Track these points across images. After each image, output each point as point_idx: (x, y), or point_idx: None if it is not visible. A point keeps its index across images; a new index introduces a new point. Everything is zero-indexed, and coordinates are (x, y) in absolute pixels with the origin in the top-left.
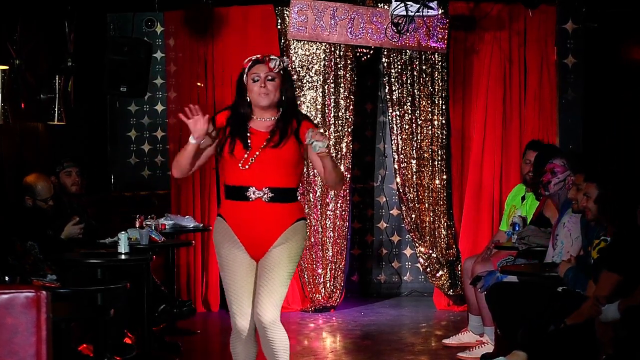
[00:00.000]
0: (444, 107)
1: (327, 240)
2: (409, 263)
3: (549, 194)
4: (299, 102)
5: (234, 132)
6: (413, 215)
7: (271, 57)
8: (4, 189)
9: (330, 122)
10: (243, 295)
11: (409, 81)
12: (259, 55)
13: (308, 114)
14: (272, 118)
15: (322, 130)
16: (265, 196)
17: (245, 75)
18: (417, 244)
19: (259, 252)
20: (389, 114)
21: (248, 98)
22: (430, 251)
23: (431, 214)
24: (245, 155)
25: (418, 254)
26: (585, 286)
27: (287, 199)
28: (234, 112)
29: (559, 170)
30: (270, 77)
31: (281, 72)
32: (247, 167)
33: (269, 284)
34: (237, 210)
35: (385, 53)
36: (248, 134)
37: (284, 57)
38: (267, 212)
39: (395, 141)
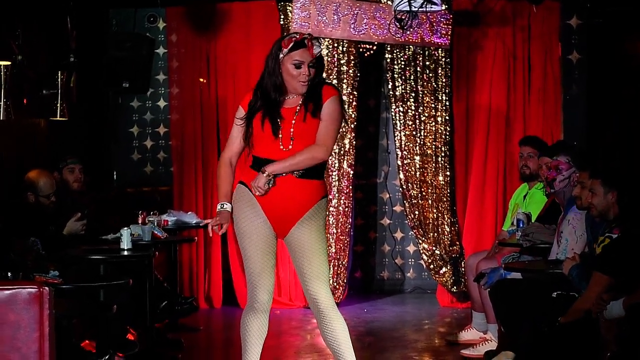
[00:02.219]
0: (447, 103)
1: (330, 237)
2: (412, 260)
3: (554, 191)
4: None
5: (266, 110)
6: (416, 212)
7: (312, 40)
8: (6, 185)
9: None
10: (264, 268)
11: (412, 77)
12: (297, 35)
13: None
14: (300, 98)
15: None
16: (296, 172)
17: (282, 56)
18: (420, 241)
19: (283, 226)
20: (392, 110)
21: (280, 78)
22: (434, 248)
23: (434, 211)
24: (280, 135)
25: (421, 251)
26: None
27: (316, 175)
28: (262, 92)
29: (564, 167)
30: (312, 64)
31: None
32: (289, 147)
33: (316, 266)
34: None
35: (388, 49)
36: (280, 113)
37: (318, 38)
38: (297, 188)
39: (399, 137)
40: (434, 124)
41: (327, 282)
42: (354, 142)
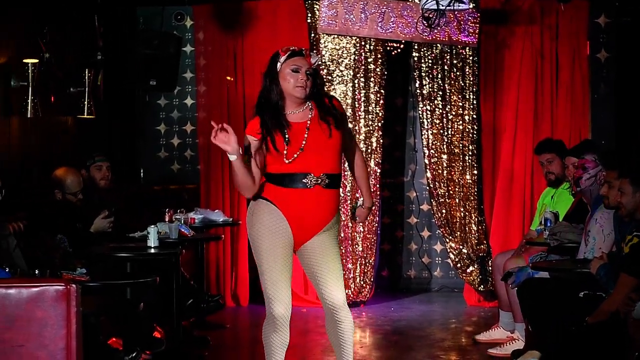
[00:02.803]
0: (474, 102)
1: (357, 235)
2: (439, 258)
3: (580, 190)
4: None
5: (275, 127)
6: (443, 211)
7: (311, 52)
8: (33, 183)
9: (361, 117)
10: (281, 281)
11: (439, 75)
12: (295, 47)
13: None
14: (305, 108)
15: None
16: (322, 182)
17: (280, 64)
18: (447, 240)
19: (304, 236)
20: (420, 108)
21: (278, 89)
22: (461, 247)
23: (462, 209)
24: (285, 149)
25: (448, 250)
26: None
27: (338, 184)
28: (266, 108)
29: (590, 166)
30: (309, 72)
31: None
32: (291, 160)
33: (331, 267)
34: (289, 196)
35: (415, 47)
36: (287, 129)
37: (319, 54)
38: (324, 198)
39: (426, 136)
40: (461, 122)
41: (342, 284)
42: (381, 141)
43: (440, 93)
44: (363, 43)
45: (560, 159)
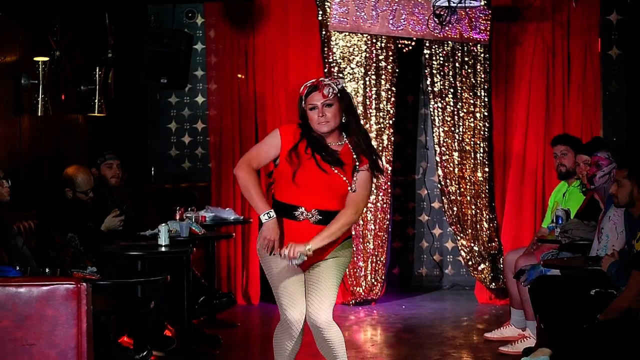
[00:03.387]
0: (486, 99)
1: (368, 233)
2: (451, 256)
3: (594, 187)
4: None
5: (312, 148)
6: (455, 208)
7: (324, 82)
8: (44, 181)
9: (372, 114)
10: (293, 287)
11: (450, 73)
12: (313, 81)
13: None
14: (341, 143)
15: (307, 248)
16: (313, 218)
17: (303, 104)
18: (458, 237)
19: (306, 263)
20: (431, 106)
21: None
22: (472, 244)
23: (473, 207)
24: (302, 173)
25: (460, 247)
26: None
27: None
28: (310, 134)
29: (604, 163)
30: (327, 104)
31: (337, 94)
32: (297, 182)
33: (320, 289)
34: (288, 226)
35: (427, 44)
36: (317, 157)
37: (338, 78)
38: (312, 233)
39: (437, 133)
40: (472, 120)
41: (330, 304)
42: (392, 139)
43: (452, 90)
44: (374, 40)
45: (574, 153)
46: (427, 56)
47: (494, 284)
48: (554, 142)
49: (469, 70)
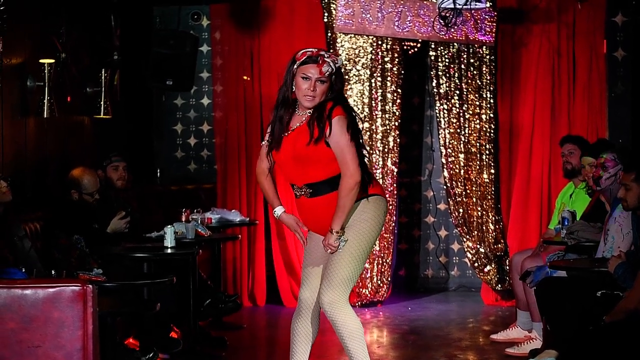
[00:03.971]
0: (491, 101)
1: None
2: (457, 258)
3: (600, 189)
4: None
5: (276, 132)
6: (461, 210)
7: (325, 57)
8: (50, 183)
9: (377, 116)
10: (311, 268)
11: (456, 74)
12: (313, 50)
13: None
14: (305, 112)
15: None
16: (305, 193)
17: (295, 67)
18: (464, 239)
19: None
20: (437, 107)
21: (291, 90)
22: (478, 246)
23: (479, 209)
24: (278, 155)
25: (466, 249)
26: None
27: (332, 188)
28: (277, 108)
29: (610, 165)
30: (321, 80)
31: (332, 75)
32: (279, 164)
33: (329, 267)
34: (296, 204)
35: (432, 46)
36: (285, 134)
37: (337, 57)
38: (316, 207)
39: (443, 135)
40: (478, 121)
41: (338, 286)
42: (398, 140)
43: (457, 92)
44: (380, 42)
45: (580, 152)
46: (432, 58)
47: (500, 285)
48: (562, 142)
49: (475, 72)
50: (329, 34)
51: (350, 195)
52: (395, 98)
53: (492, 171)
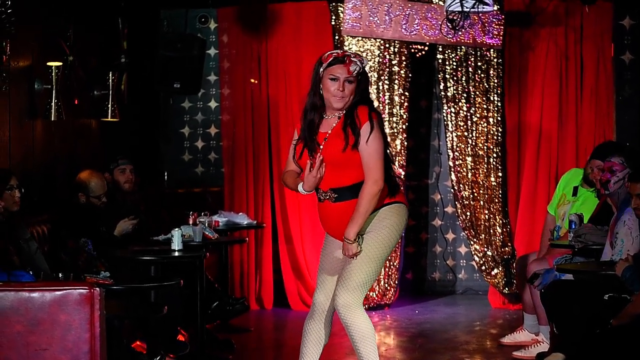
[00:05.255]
0: (499, 104)
1: None
2: (464, 261)
3: (609, 193)
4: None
5: (304, 137)
6: (468, 213)
7: (352, 58)
8: (57, 186)
9: (385, 119)
10: (328, 272)
11: (464, 78)
12: (339, 52)
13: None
14: (334, 116)
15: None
16: (330, 197)
17: (322, 70)
18: (472, 242)
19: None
20: (444, 110)
21: (320, 94)
22: (486, 249)
23: (486, 212)
24: (309, 160)
25: (473, 252)
26: None
27: (352, 195)
28: (306, 113)
29: (618, 169)
30: (349, 80)
31: (359, 75)
32: (311, 170)
33: (346, 271)
34: (318, 208)
35: (440, 49)
36: (314, 137)
37: (363, 57)
38: (339, 212)
39: (450, 138)
40: (485, 124)
41: (353, 290)
42: (406, 143)
43: (465, 95)
44: (387, 45)
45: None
46: (440, 61)
47: (507, 288)
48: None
49: (482, 75)
50: (337, 37)
51: (371, 202)
52: (402, 101)
53: (500, 174)
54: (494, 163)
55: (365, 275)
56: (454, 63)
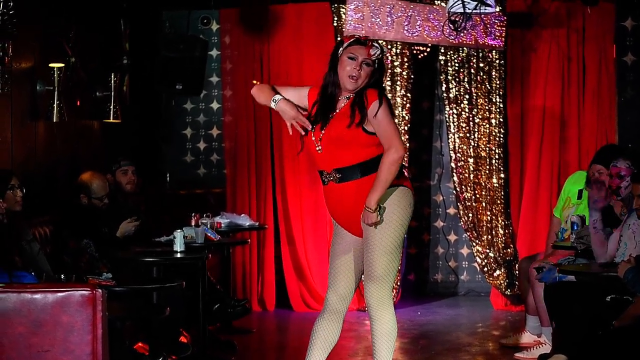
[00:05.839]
0: (501, 105)
1: None
2: (466, 262)
3: (621, 198)
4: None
5: (318, 115)
6: (470, 214)
7: (374, 43)
8: (59, 187)
9: None
10: (338, 271)
11: (466, 79)
12: (361, 36)
13: None
14: (344, 97)
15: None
16: (334, 178)
17: (341, 50)
18: (474, 243)
19: (353, 229)
20: (446, 112)
21: (336, 74)
22: (488, 250)
23: (488, 213)
24: (313, 138)
25: (475, 253)
26: None
27: (362, 172)
28: (326, 88)
29: (626, 173)
30: (367, 62)
31: (377, 61)
32: (319, 149)
33: (368, 263)
34: (324, 193)
35: (442, 51)
36: (330, 116)
37: (384, 47)
38: (344, 193)
39: (452, 139)
40: (488, 126)
41: (380, 281)
42: (408, 145)
43: (467, 96)
44: (389, 46)
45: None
46: (442, 62)
47: (509, 290)
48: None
49: (484, 76)
50: (339, 39)
51: (391, 170)
52: (404, 102)
53: (502, 176)
54: (496, 164)
55: (386, 266)
56: (456, 64)
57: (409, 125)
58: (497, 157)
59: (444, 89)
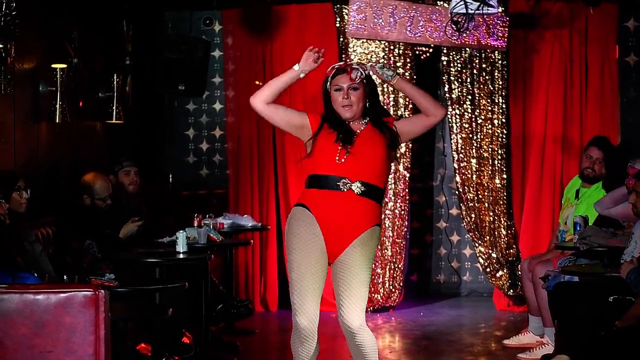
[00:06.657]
0: (504, 106)
1: (386, 240)
2: (469, 263)
3: None
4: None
5: (332, 127)
6: (473, 215)
7: (353, 66)
8: (62, 187)
9: None
10: (308, 293)
11: (468, 80)
12: (341, 63)
13: None
14: (358, 122)
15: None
16: (357, 189)
17: (328, 85)
18: (476, 244)
19: (337, 246)
20: (449, 112)
21: (332, 108)
22: (490, 251)
23: (491, 214)
24: (340, 148)
25: (478, 254)
26: None
27: (375, 197)
28: (332, 119)
29: None
30: (353, 87)
31: (363, 80)
32: (342, 160)
33: (353, 289)
34: (324, 198)
35: (444, 51)
36: (346, 130)
37: (364, 64)
38: (356, 205)
39: (455, 140)
40: (490, 126)
41: (363, 307)
42: (410, 145)
43: (470, 97)
44: (392, 47)
45: (605, 163)
46: (444, 63)
47: (512, 290)
48: (594, 144)
49: (487, 77)
50: (341, 39)
51: (429, 99)
52: (407, 103)
53: (504, 176)
54: (499, 165)
55: (367, 293)
56: (459, 65)
57: None
58: (499, 157)
59: (446, 89)
